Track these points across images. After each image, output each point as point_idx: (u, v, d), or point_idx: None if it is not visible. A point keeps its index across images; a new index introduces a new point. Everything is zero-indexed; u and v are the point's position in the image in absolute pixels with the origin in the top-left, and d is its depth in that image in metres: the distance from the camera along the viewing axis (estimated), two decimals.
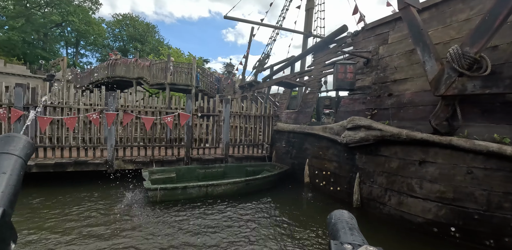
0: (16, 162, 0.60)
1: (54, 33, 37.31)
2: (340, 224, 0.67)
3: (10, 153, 0.60)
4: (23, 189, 2.42)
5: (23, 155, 0.63)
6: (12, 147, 0.62)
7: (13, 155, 0.61)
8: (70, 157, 5.48)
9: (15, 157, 0.61)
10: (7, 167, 0.57)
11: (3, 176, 0.55)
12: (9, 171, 0.57)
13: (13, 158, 0.60)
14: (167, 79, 13.16)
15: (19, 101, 4.95)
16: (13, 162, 0.59)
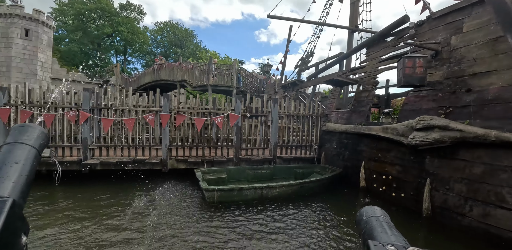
0: (30, 152, 0.58)
1: (106, 43, 40.87)
2: (374, 221, 0.61)
3: (24, 142, 0.59)
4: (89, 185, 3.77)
5: (37, 145, 0.61)
6: (26, 137, 0.60)
7: (27, 144, 0.59)
8: (129, 156, 5.77)
9: (28, 147, 0.59)
10: (20, 156, 0.56)
11: (16, 165, 0.53)
12: (22, 161, 0.55)
13: (26, 148, 0.58)
14: (210, 81, 13.46)
15: (86, 104, 5.33)
16: (26, 152, 0.57)
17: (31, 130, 0.63)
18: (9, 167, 0.53)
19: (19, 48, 19.98)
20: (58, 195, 4.89)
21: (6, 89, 5.24)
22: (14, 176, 0.51)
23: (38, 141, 0.62)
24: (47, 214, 3.99)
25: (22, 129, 0.63)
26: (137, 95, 5.78)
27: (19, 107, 5.27)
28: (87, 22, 36.94)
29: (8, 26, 19.84)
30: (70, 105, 5.45)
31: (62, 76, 22.09)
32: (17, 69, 19.66)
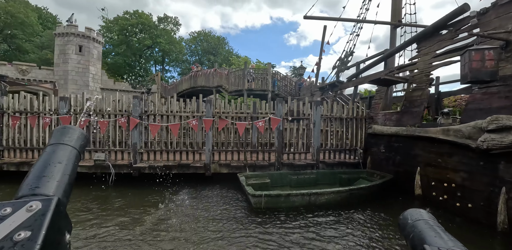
0: (71, 153, 0.60)
1: (146, 54, 43.82)
2: (423, 225, 0.56)
3: (66, 143, 0.61)
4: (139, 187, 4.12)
5: (77, 146, 0.63)
6: (67, 138, 0.63)
7: (69, 145, 0.61)
8: (174, 159, 5.94)
9: (70, 147, 0.61)
10: (63, 157, 0.58)
11: (59, 165, 0.55)
12: (64, 161, 0.57)
13: (68, 149, 0.61)
14: (245, 86, 13.58)
15: (136, 111, 5.62)
16: (68, 152, 0.60)
17: (71, 131, 0.66)
18: (53, 166, 0.54)
19: (74, 62, 22.25)
20: (111, 195, 5.18)
21: (68, 99, 5.74)
22: (58, 175, 0.53)
23: (78, 142, 0.65)
24: (103, 211, 4.21)
25: (64, 131, 0.65)
26: (180, 101, 5.96)
27: (79, 116, 5.73)
28: (129, 36, 39.99)
29: (65, 44, 22.23)
30: (121, 112, 5.79)
31: (110, 86, 24.09)
32: (72, 81, 21.89)
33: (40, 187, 0.48)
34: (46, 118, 5.71)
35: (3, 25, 35.95)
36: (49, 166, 0.54)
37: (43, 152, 0.59)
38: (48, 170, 0.52)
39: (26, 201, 0.42)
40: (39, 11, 42.29)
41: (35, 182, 0.49)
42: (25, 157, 6.06)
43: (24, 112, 5.94)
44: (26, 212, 0.40)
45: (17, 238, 0.37)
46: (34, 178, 0.50)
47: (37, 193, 0.47)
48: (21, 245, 0.36)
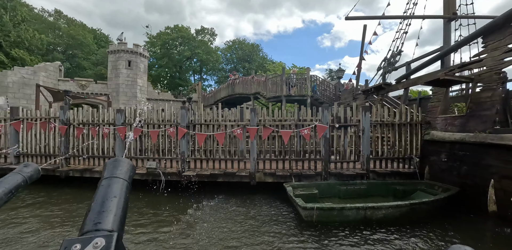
0: (123, 185, 0.65)
1: (185, 65, 46.36)
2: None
3: (118, 176, 0.66)
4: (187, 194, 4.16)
5: (127, 178, 0.69)
6: (119, 171, 0.68)
7: (121, 178, 0.66)
8: (219, 168, 6.00)
9: (122, 180, 0.66)
10: (117, 190, 0.62)
11: (115, 199, 0.59)
12: (119, 195, 0.61)
13: (120, 182, 0.65)
14: (283, 92, 13.47)
15: (183, 120, 5.83)
16: (121, 185, 0.64)
17: (122, 164, 0.71)
18: (110, 201, 0.58)
19: (124, 76, 24.34)
20: (162, 201, 5.37)
21: (123, 112, 6.19)
22: (114, 209, 0.57)
23: (128, 174, 0.70)
24: (156, 216, 4.36)
25: (116, 164, 0.70)
26: (225, 110, 6.04)
27: (132, 126, 6.13)
28: (171, 49, 42.79)
29: (117, 60, 24.48)
30: (169, 122, 6.05)
31: (155, 96, 25.85)
32: (123, 93, 23.93)
33: (101, 222, 0.53)
34: (105, 129, 6.20)
35: (66, 46, 41.08)
36: (106, 200, 0.59)
37: (100, 185, 0.63)
38: (106, 205, 0.57)
39: (92, 238, 0.47)
40: (93, 32, 47.53)
41: (96, 217, 0.54)
42: (87, 164, 6.63)
43: (86, 123, 6.53)
44: (93, 248, 0.44)
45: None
46: (95, 213, 0.55)
47: (99, 228, 0.51)
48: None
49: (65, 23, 43.29)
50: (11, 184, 0.79)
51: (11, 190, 0.78)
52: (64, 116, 6.59)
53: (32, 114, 7.28)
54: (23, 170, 0.84)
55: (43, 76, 21.40)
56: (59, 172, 6.42)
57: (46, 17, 42.44)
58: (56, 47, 40.52)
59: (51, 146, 7.01)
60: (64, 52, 41.06)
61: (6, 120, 7.48)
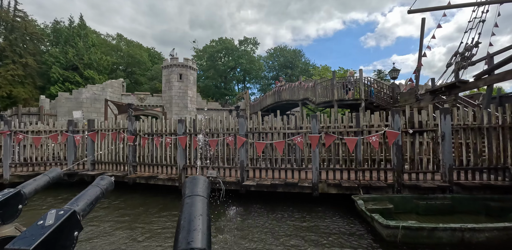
0: (204, 203, 0.69)
1: (229, 75, 48.14)
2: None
3: (199, 194, 0.70)
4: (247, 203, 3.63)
5: (206, 195, 0.73)
6: (199, 189, 0.72)
7: (201, 196, 0.70)
8: (279, 178, 5.76)
9: (202, 197, 0.70)
10: (201, 209, 0.65)
11: (201, 218, 0.62)
12: (203, 213, 0.64)
13: (201, 199, 0.69)
14: (335, 96, 12.83)
15: (242, 129, 5.77)
16: (203, 203, 0.67)
17: (200, 181, 0.76)
18: (198, 220, 0.62)
19: (176, 88, 26.13)
20: (220, 210, 5.31)
21: (184, 121, 6.41)
22: (202, 227, 0.60)
23: (206, 191, 0.75)
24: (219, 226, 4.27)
25: (195, 182, 0.76)
26: (284, 118, 5.83)
27: (192, 135, 6.31)
28: (216, 61, 44.96)
29: (169, 74, 26.48)
30: (228, 131, 6.06)
31: (203, 106, 27.16)
32: (175, 104, 25.65)
33: (194, 241, 0.56)
34: (167, 139, 6.48)
35: (126, 65, 46.10)
36: (194, 219, 0.61)
37: (184, 203, 0.67)
38: (195, 223, 0.60)
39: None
40: (148, 50, 52.58)
41: (188, 236, 0.57)
42: (151, 171, 6.99)
43: (151, 133, 6.93)
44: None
45: None
46: (186, 232, 0.58)
47: (193, 247, 0.54)
48: None
49: (125, 44, 48.75)
50: (92, 196, 0.85)
51: (92, 202, 0.84)
52: (132, 127, 7.10)
53: (105, 126, 8.04)
54: (100, 183, 0.91)
55: (109, 92, 24.11)
56: (127, 178, 6.87)
57: (110, 41, 48.41)
58: (118, 66, 45.72)
59: (120, 154, 7.61)
60: (125, 70, 46.04)
61: (84, 132, 8.39)
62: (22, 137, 8.27)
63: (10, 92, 28.67)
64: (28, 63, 30.37)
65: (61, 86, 29.24)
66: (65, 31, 33.53)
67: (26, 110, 22.14)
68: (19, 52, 30.63)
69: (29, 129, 8.36)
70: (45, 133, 8.30)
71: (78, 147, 8.46)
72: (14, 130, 8.13)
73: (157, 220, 4.90)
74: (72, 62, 31.21)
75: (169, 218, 4.98)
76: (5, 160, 8.03)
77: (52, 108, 22.99)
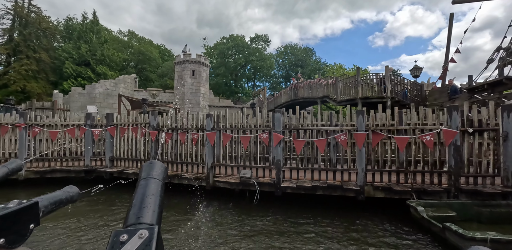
0: (159, 185, 0.70)
1: (239, 72, 47.63)
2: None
3: (154, 177, 0.72)
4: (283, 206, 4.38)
5: (162, 179, 0.74)
6: (155, 172, 0.74)
7: (156, 179, 0.72)
8: (319, 179, 5.25)
9: (157, 180, 0.72)
10: (155, 189, 0.68)
11: (153, 197, 0.65)
12: (155, 193, 0.66)
13: (156, 182, 0.71)
14: (359, 94, 12.21)
15: (279, 126, 5.27)
16: (157, 185, 0.70)
17: (157, 166, 0.76)
18: (149, 198, 0.64)
19: (189, 85, 25.81)
20: (251, 213, 4.85)
21: (212, 116, 5.95)
22: (153, 206, 0.62)
23: (162, 175, 0.75)
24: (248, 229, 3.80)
25: (151, 166, 0.76)
26: (325, 114, 5.30)
27: (221, 131, 5.84)
28: (226, 58, 44.51)
29: (182, 70, 26.15)
30: (262, 127, 5.57)
31: (216, 103, 26.78)
32: (188, 101, 25.35)
33: (143, 217, 0.58)
34: (194, 135, 6.04)
35: (137, 61, 46.08)
36: (146, 198, 0.64)
37: (138, 185, 0.69)
38: (146, 201, 0.63)
39: (137, 229, 0.51)
40: (158, 48, 52.49)
41: (138, 212, 0.59)
42: (176, 169, 6.55)
43: (176, 129, 6.50)
44: (138, 239, 0.48)
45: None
46: (136, 209, 0.60)
47: (142, 222, 0.56)
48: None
49: (136, 41, 48.74)
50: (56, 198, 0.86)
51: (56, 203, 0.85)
52: (155, 122, 6.68)
53: (125, 120, 7.64)
54: (67, 190, 0.92)
55: (122, 87, 23.93)
56: None
57: (122, 37, 48.46)
58: (129, 62, 45.70)
59: (141, 151, 7.20)
60: (136, 67, 46.02)
61: (102, 126, 8.01)
62: (38, 131, 7.89)
63: (24, 87, 28.85)
64: (41, 58, 30.52)
65: (74, 82, 29.23)
66: (78, 27, 33.56)
67: (40, 104, 22.13)
68: (33, 47, 30.81)
69: (45, 122, 7.98)
70: (62, 126, 7.94)
71: (95, 142, 8.09)
72: (30, 123, 7.75)
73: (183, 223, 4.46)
74: (84, 58, 31.20)
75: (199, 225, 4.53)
76: (20, 155, 7.68)
77: (65, 103, 22.92)
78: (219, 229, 4.19)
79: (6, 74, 30.14)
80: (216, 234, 4.02)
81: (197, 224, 4.43)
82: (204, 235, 3.95)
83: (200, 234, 3.98)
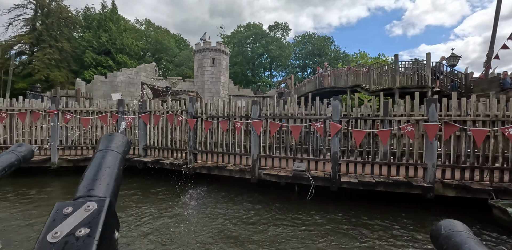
0: (117, 158, 0.67)
1: (257, 62, 46.71)
2: (457, 237, 0.55)
3: (113, 149, 0.68)
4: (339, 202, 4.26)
5: (121, 152, 0.70)
6: (114, 145, 0.69)
7: (115, 151, 0.68)
8: (380, 174, 4.78)
9: (116, 153, 0.67)
10: (111, 161, 0.64)
11: (108, 170, 0.61)
12: (112, 166, 0.63)
13: (114, 154, 0.67)
14: (396, 83, 11.41)
15: (336, 114, 4.78)
16: (114, 158, 0.66)
17: (117, 138, 0.72)
18: (104, 170, 0.60)
19: (209, 74, 25.40)
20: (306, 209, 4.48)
21: (258, 103, 5.53)
22: (107, 178, 0.58)
23: (122, 148, 0.71)
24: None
25: (110, 138, 0.72)
26: (389, 102, 4.73)
27: (268, 120, 5.42)
28: (243, 47, 43.61)
29: (202, 58, 25.71)
30: (315, 116, 5.08)
31: (235, 92, 26.33)
32: (208, 90, 25.02)
33: (94, 189, 0.53)
34: (237, 123, 5.65)
35: (154, 51, 46.00)
36: (100, 170, 0.59)
37: (93, 157, 0.64)
38: (100, 173, 0.58)
39: (84, 201, 0.47)
40: (174, 37, 52.06)
41: (89, 184, 0.54)
42: (215, 160, 6.24)
43: (216, 116, 6.13)
44: (85, 211, 0.45)
45: (78, 234, 0.40)
46: (88, 181, 0.55)
47: (92, 194, 0.52)
48: (83, 241, 0.39)
49: (153, 30, 48.46)
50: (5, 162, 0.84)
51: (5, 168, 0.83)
52: (193, 109, 6.33)
53: (159, 107, 7.35)
54: (17, 150, 0.86)
55: (143, 76, 23.85)
56: (187, 168, 6.18)
57: (139, 27, 48.28)
58: (146, 52, 45.68)
59: (178, 140, 6.92)
60: (153, 56, 45.99)
61: (135, 113, 7.77)
62: (70, 117, 7.68)
63: (48, 76, 29.37)
64: (63, 48, 30.82)
65: (94, 71, 29.48)
66: (98, 16, 33.54)
67: (64, 92, 22.44)
68: (54, 36, 31.10)
69: (77, 108, 7.76)
70: (94, 113, 7.74)
71: (126, 130, 7.86)
72: (62, 109, 7.54)
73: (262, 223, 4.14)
74: (105, 47, 31.28)
75: None
76: (53, 142, 7.48)
77: (88, 91, 23.15)
78: (281, 227, 3.85)
79: (30, 63, 30.75)
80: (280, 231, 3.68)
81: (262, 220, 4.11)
82: (271, 231, 3.62)
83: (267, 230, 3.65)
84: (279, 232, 3.63)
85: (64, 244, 0.39)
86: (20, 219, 3.95)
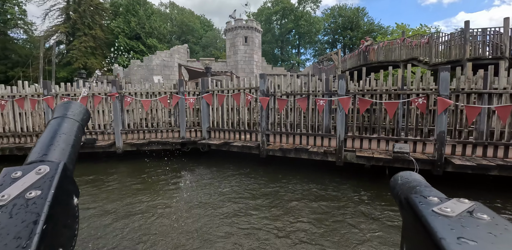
0: (74, 125, 0.64)
1: (285, 39, 44.73)
2: (412, 183, 0.56)
3: (69, 117, 0.65)
4: None
5: (79, 119, 0.68)
6: (70, 112, 0.67)
7: (72, 119, 0.65)
8: (493, 156, 4.26)
9: (73, 120, 0.65)
10: (67, 128, 0.61)
11: (64, 136, 0.58)
12: (69, 132, 0.60)
13: (71, 121, 0.65)
14: (466, 54, 10.17)
15: (445, 88, 4.22)
16: (71, 125, 0.63)
17: (73, 106, 0.70)
18: (59, 137, 0.57)
19: (242, 53, 24.75)
20: None
21: (345, 77, 5.07)
22: (63, 144, 0.55)
23: (80, 116, 0.69)
24: None
25: (67, 106, 0.69)
26: (503, 74, 4.07)
27: (357, 96, 4.99)
28: (271, 24, 41.70)
29: (234, 37, 24.95)
30: (417, 91, 4.53)
31: (269, 71, 25.60)
32: (241, 69, 24.55)
33: (47, 154, 0.50)
34: (320, 100, 5.27)
35: (180, 33, 45.57)
36: (55, 136, 0.57)
37: (47, 124, 0.62)
38: (54, 139, 0.55)
39: (35, 165, 0.44)
40: (198, 18, 50.92)
41: (43, 149, 0.52)
42: (291, 142, 6.01)
43: (292, 94, 5.79)
44: (36, 174, 0.42)
45: (28, 196, 0.39)
46: (41, 146, 0.53)
47: (45, 159, 0.49)
48: (33, 202, 0.38)
49: (177, 13, 47.67)
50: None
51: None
52: (265, 86, 6.02)
53: (223, 86, 7.13)
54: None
55: (176, 58, 23.83)
56: (261, 150, 6.03)
57: (164, 10, 47.65)
58: (173, 34, 45.41)
59: (245, 120, 6.74)
60: (179, 39, 45.70)
61: (194, 94, 7.61)
62: (130, 100, 7.63)
63: (85, 64, 30.46)
64: (97, 35, 31.45)
65: (127, 56, 30.03)
66: (125, 1, 33.38)
67: (105, 78, 23.24)
68: (88, 24, 31.68)
69: (137, 90, 7.66)
70: (154, 95, 7.64)
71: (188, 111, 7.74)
72: (122, 92, 7.48)
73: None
74: (135, 32, 31.47)
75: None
76: (116, 126, 7.45)
77: (126, 76, 23.73)
78: None
79: (68, 52, 31.94)
80: None
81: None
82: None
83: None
84: None
85: (12, 206, 0.37)
86: None
